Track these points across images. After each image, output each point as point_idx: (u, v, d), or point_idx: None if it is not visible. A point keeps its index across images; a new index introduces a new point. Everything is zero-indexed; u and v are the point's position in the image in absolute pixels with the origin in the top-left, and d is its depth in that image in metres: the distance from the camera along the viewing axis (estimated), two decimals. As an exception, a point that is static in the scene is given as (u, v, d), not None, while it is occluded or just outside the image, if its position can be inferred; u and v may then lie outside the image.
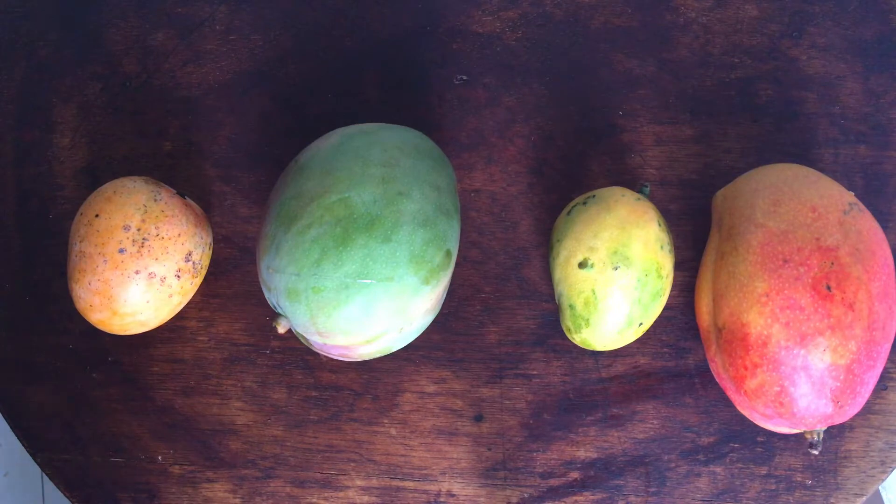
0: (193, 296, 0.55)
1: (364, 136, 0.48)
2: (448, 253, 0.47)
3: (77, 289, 0.49)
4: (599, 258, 0.47)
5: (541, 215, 0.55)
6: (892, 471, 0.52)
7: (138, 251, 0.48)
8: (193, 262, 0.51)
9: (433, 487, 0.53)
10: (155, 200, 0.50)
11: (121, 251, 0.48)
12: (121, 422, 0.54)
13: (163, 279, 0.49)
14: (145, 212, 0.49)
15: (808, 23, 0.57)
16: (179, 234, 0.50)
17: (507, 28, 0.58)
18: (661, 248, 0.48)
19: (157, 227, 0.49)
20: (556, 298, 0.50)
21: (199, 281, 0.52)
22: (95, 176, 0.57)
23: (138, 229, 0.49)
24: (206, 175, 0.57)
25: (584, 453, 0.53)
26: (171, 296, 0.50)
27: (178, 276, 0.50)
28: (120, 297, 0.49)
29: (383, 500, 0.53)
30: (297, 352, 0.55)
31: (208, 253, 0.52)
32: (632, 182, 0.56)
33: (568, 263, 0.48)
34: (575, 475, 0.53)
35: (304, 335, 0.47)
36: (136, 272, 0.48)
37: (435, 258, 0.46)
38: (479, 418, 0.53)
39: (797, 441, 0.52)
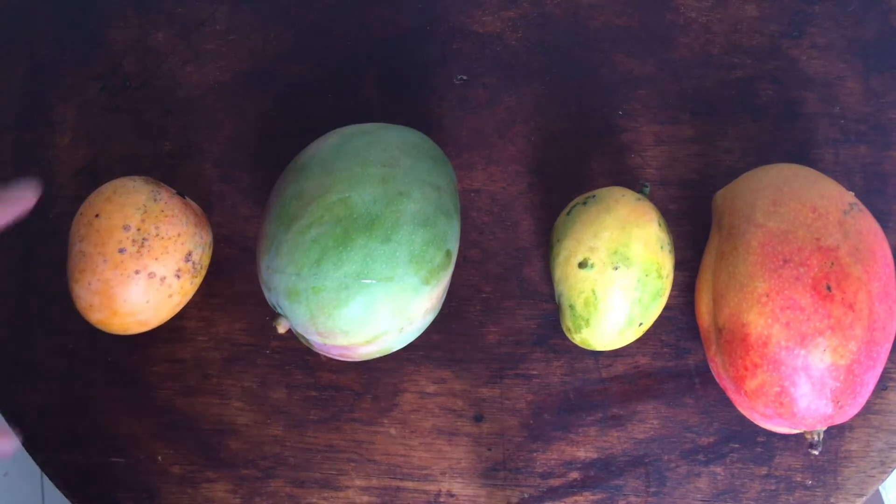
0: (193, 296, 0.55)
1: (364, 136, 0.48)
2: (448, 253, 0.47)
3: (77, 289, 0.49)
4: (599, 258, 0.47)
5: (541, 215, 0.55)
6: (892, 471, 0.52)
7: (138, 251, 0.48)
8: (193, 262, 0.51)
9: (433, 487, 0.53)
10: (155, 200, 0.50)
11: (121, 251, 0.48)
12: (121, 422, 0.54)
13: (163, 279, 0.49)
14: (145, 212, 0.49)
15: (808, 23, 0.57)
16: (179, 234, 0.50)
17: (507, 28, 0.58)
18: (661, 248, 0.48)
19: (156, 227, 0.49)
20: (556, 298, 0.50)
21: (199, 281, 0.52)
22: (95, 176, 0.57)
23: (138, 229, 0.49)
24: (206, 175, 0.57)
25: (584, 453, 0.53)
26: (171, 296, 0.50)
27: (178, 276, 0.50)
28: (120, 297, 0.48)
29: (383, 500, 0.53)
30: (297, 352, 0.54)
31: (208, 253, 0.52)
32: (632, 182, 0.56)
33: (568, 263, 0.48)
34: (575, 475, 0.53)
35: (304, 335, 0.47)
36: (136, 272, 0.48)
37: (435, 258, 0.46)
38: (479, 418, 0.53)
39: (797, 441, 0.52)
